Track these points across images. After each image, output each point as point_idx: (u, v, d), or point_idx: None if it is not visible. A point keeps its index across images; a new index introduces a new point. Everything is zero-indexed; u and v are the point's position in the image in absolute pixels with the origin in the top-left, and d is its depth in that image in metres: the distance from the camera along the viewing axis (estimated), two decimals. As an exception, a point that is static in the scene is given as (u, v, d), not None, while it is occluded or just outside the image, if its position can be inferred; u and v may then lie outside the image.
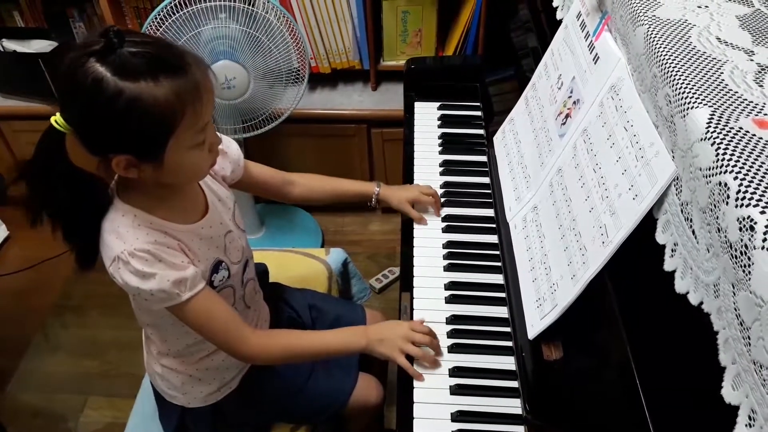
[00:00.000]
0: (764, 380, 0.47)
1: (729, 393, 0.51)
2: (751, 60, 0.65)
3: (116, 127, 0.71)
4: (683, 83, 0.63)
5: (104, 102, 0.69)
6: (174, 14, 1.39)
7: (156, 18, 1.39)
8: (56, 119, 0.74)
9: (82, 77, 0.69)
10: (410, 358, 0.90)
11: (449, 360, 0.92)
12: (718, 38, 0.69)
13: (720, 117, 0.58)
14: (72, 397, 1.65)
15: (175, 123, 0.72)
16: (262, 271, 1.16)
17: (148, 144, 0.73)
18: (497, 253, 1.05)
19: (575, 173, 0.87)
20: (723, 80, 0.63)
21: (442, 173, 1.22)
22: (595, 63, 0.89)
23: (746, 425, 0.49)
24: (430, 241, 1.09)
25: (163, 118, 0.71)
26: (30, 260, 1.94)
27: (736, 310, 0.51)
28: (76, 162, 0.77)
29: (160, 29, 1.40)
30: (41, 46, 1.82)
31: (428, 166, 1.23)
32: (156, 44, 0.73)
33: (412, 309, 0.98)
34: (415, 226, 1.12)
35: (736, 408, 0.50)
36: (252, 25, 1.44)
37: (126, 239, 0.78)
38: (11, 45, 1.82)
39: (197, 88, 0.73)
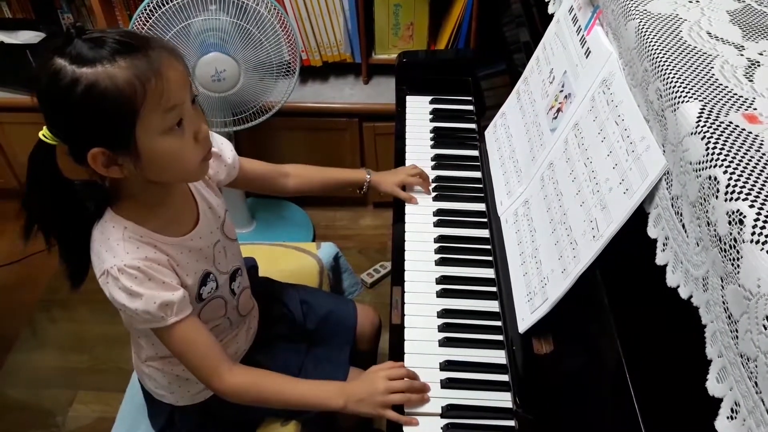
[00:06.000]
0: (751, 373, 0.47)
1: (713, 386, 0.52)
2: (741, 55, 0.66)
3: (79, 117, 0.70)
4: (674, 78, 0.63)
5: (63, 92, 0.68)
6: (164, 5, 1.37)
7: (145, 9, 1.37)
8: (44, 133, 0.74)
9: (44, 75, 0.69)
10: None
11: (440, 354, 0.92)
12: (709, 33, 0.69)
13: (710, 111, 0.58)
14: (60, 391, 1.63)
15: (136, 103, 0.69)
16: (250, 265, 1.15)
17: (114, 130, 0.71)
18: (488, 247, 1.05)
19: (566, 167, 0.87)
20: (713, 75, 0.63)
21: (433, 167, 1.22)
22: (586, 57, 0.89)
23: (728, 417, 0.49)
24: (421, 235, 1.09)
25: (122, 100, 0.69)
26: (17, 254, 1.92)
27: (724, 303, 0.51)
28: (68, 174, 0.77)
29: (150, 20, 1.38)
30: (29, 37, 1.80)
31: (420, 160, 1.23)
32: (115, 32, 0.71)
33: (403, 303, 0.98)
34: (407, 218, 1.12)
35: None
36: (243, 17, 1.43)
37: (117, 253, 0.77)
38: (-2, 36, 1.80)
39: (156, 65, 0.70)
